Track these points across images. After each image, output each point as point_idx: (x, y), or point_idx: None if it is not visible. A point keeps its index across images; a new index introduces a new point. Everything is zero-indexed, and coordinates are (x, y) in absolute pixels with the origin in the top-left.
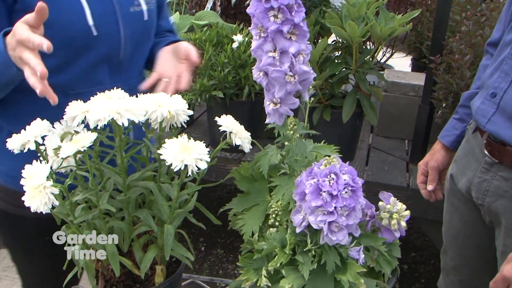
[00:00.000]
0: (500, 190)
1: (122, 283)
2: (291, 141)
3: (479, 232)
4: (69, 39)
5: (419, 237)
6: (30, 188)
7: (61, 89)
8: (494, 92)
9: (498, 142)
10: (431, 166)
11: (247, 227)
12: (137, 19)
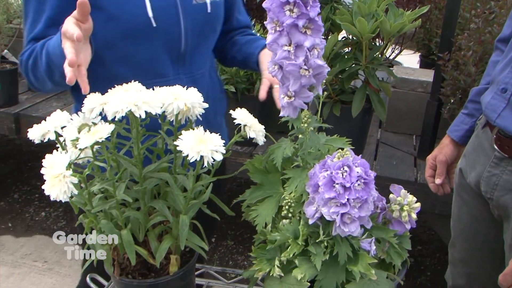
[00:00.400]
0: (509, 184)
1: (137, 272)
2: (305, 134)
3: (487, 226)
4: (129, 31)
5: (425, 231)
6: (50, 177)
7: (126, 80)
8: (505, 87)
9: (508, 137)
10: (439, 160)
11: (260, 218)
12: (199, 11)
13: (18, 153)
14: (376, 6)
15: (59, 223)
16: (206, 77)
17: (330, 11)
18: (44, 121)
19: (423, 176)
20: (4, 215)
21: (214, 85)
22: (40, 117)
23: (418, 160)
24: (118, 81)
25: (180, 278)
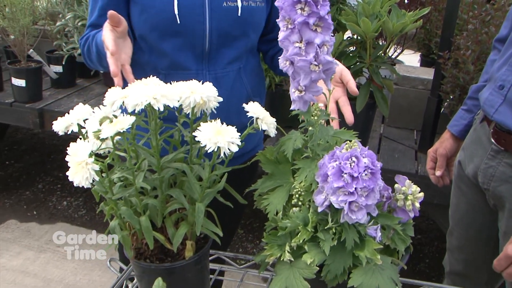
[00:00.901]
0: (505, 176)
1: (154, 256)
2: (314, 127)
3: (483, 215)
4: (157, 24)
5: (424, 221)
6: (74, 163)
7: (152, 66)
8: (502, 84)
9: (505, 131)
10: (440, 153)
11: (271, 206)
12: (228, 14)
13: (41, 146)
14: (380, 7)
15: (79, 212)
16: (232, 77)
17: (336, 11)
18: (67, 114)
19: (424, 169)
20: (29, 204)
21: (241, 87)
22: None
23: (419, 154)
24: (147, 67)
25: (195, 262)
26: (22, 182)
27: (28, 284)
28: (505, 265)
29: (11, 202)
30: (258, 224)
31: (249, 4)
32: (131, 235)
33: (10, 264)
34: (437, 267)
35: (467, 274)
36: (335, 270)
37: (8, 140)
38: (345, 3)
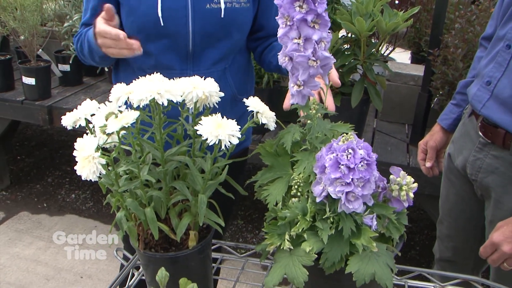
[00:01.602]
0: (491, 167)
1: (159, 246)
2: (312, 120)
3: (471, 205)
4: (142, 26)
5: (415, 211)
6: (81, 158)
7: (138, 65)
8: (489, 80)
9: (491, 125)
10: (430, 146)
11: (271, 197)
12: (212, 16)
13: (50, 142)
14: (373, 6)
15: (87, 204)
16: (216, 77)
17: (331, 11)
18: (75, 110)
19: (415, 161)
20: (40, 197)
21: (225, 87)
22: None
23: (410, 146)
24: (135, 66)
25: (198, 252)
26: (33, 176)
27: (40, 272)
28: (490, 252)
29: (22, 195)
30: (258, 215)
31: (233, 5)
32: (136, 226)
33: (23, 254)
34: (427, 254)
35: (456, 260)
36: (333, 258)
37: (19, 136)
38: (340, 2)
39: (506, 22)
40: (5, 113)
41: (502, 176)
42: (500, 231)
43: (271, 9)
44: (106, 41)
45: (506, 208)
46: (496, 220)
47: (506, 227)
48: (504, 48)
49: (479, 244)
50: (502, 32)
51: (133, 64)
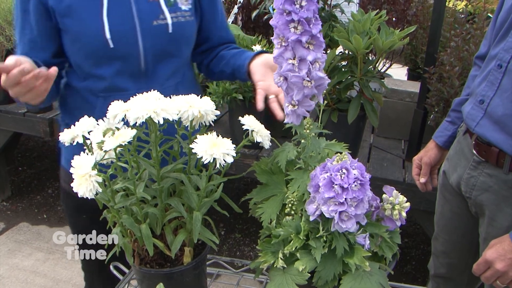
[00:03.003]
0: (485, 185)
1: (154, 262)
2: (307, 139)
3: (466, 222)
4: (90, 51)
5: (411, 225)
6: (78, 176)
7: (92, 91)
8: (482, 99)
9: (485, 143)
10: (424, 162)
11: (265, 215)
12: (160, 32)
13: (51, 154)
14: (370, 25)
15: None
16: (170, 93)
17: (328, 28)
18: (73, 126)
19: (411, 177)
20: (40, 208)
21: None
22: None
23: (406, 162)
24: (85, 92)
25: (193, 268)
26: (34, 187)
27: (38, 283)
28: (483, 269)
29: (23, 206)
30: (255, 229)
31: (178, 19)
32: (132, 242)
33: (22, 264)
34: (423, 269)
35: (450, 276)
36: (326, 277)
37: (21, 148)
38: (337, 20)
39: (498, 42)
40: (8, 125)
41: (495, 194)
42: (494, 249)
43: (214, 22)
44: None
45: (499, 225)
46: (489, 237)
47: (500, 245)
48: (495, 67)
49: (474, 260)
50: (494, 51)
51: (83, 90)
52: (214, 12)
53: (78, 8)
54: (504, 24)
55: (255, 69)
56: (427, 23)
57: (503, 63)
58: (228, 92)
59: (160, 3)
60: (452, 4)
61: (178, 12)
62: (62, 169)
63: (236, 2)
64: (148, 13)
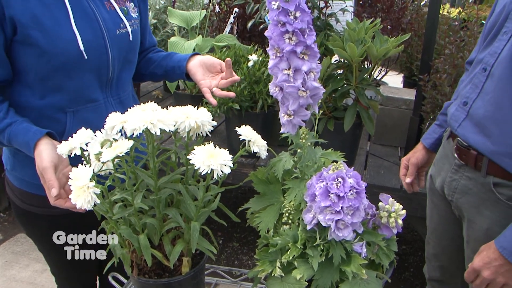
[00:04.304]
0: (465, 188)
1: (153, 272)
2: (303, 149)
3: (453, 225)
4: (62, 64)
5: (409, 232)
6: (76, 188)
7: (59, 107)
8: (466, 101)
9: (465, 147)
10: (412, 162)
11: (263, 224)
12: (123, 40)
13: None
14: (364, 33)
15: None
16: (130, 97)
17: (323, 37)
18: (70, 138)
19: None
20: None
21: (136, 104)
22: None
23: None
24: (48, 110)
25: (191, 277)
26: None
27: None
28: (473, 277)
29: None
30: (253, 237)
31: (133, 27)
32: (130, 252)
33: (20, 276)
34: (421, 276)
35: (444, 280)
36: (323, 285)
37: None
38: (332, 29)
39: (486, 47)
40: None
41: (474, 196)
42: (480, 257)
43: (145, 27)
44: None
45: (479, 228)
46: (471, 240)
47: (486, 253)
48: (480, 70)
49: (463, 263)
50: (481, 56)
51: (44, 108)
52: (146, 18)
53: (44, 19)
54: (492, 30)
55: (195, 70)
56: (422, 31)
57: (487, 67)
58: (225, 101)
59: (117, 12)
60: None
61: (132, 20)
62: (16, 190)
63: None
64: (112, 22)
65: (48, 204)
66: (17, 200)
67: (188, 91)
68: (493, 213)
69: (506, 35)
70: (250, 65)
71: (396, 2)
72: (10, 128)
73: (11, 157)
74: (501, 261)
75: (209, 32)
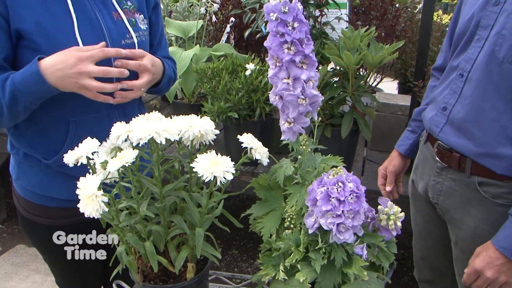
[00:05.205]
0: (450, 190)
1: (158, 278)
2: (303, 155)
3: (437, 226)
4: None
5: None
6: (84, 197)
7: (63, 118)
8: (445, 106)
9: (447, 150)
10: (389, 171)
11: (265, 229)
12: None
13: None
14: (359, 41)
15: None
16: (136, 110)
17: (319, 45)
18: (76, 148)
19: (405, 189)
20: None
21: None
22: None
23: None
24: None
25: (196, 283)
26: None
27: None
28: (474, 279)
29: (19, 228)
30: (252, 245)
31: (141, 38)
32: (136, 259)
33: (19, 287)
34: None
35: (435, 280)
36: (326, 287)
37: None
38: (328, 37)
39: (459, 54)
40: (3, 148)
41: (460, 197)
42: (481, 258)
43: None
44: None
45: (467, 228)
46: (459, 240)
47: (485, 253)
48: (457, 76)
49: (450, 262)
50: (455, 62)
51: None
52: (158, 30)
53: (48, 26)
54: (462, 37)
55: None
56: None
57: (464, 73)
58: (223, 111)
59: (125, 23)
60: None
61: (140, 31)
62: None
63: (228, 21)
64: (117, 32)
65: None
66: (22, 210)
67: (186, 100)
68: (479, 212)
69: (480, 42)
70: (247, 74)
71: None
72: (12, 75)
73: (16, 166)
74: (502, 260)
75: (206, 41)
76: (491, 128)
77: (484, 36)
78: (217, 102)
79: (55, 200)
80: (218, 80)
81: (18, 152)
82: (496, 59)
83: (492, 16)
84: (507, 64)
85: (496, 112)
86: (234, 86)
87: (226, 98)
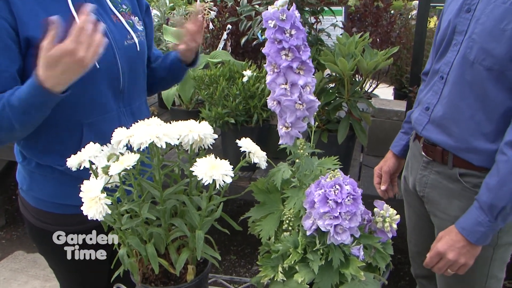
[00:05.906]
0: (435, 182)
1: (159, 281)
2: (301, 159)
3: (428, 221)
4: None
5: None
6: (88, 199)
7: (77, 121)
8: (428, 106)
9: (431, 144)
10: (384, 171)
11: (264, 232)
12: (131, 50)
13: None
14: (354, 47)
15: None
16: (143, 109)
17: (315, 52)
18: (79, 152)
19: (400, 193)
20: None
21: (148, 116)
22: None
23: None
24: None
25: (195, 285)
26: None
27: None
28: (436, 261)
29: (18, 235)
30: (250, 250)
31: (140, 39)
32: (137, 261)
33: None
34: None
35: (430, 275)
36: (324, 287)
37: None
38: (323, 44)
39: (440, 58)
40: (2, 154)
41: (444, 189)
42: (443, 241)
43: (150, 41)
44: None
45: (449, 218)
46: (441, 229)
47: (448, 236)
48: (438, 79)
49: None
50: (437, 66)
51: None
52: (151, 32)
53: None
54: (442, 43)
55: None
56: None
57: (444, 75)
58: (221, 116)
59: (124, 24)
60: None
61: (138, 32)
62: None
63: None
64: (119, 34)
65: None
66: (31, 218)
67: (183, 107)
68: (461, 202)
69: (456, 46)
70: (244, 80)
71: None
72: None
73: (27, 177)
74: (463, 243)
75: (203, 48)
76: (467, 125)
77: (460, 41)
78: (215, 108)
79: (71, 207)
80: (215, 87)
81: (30, 162)
82: (468, 61)
83: (465, 22)
84: (477, 65)
85: (471, 110)
86: (232, 93)
87: (224, 104)
